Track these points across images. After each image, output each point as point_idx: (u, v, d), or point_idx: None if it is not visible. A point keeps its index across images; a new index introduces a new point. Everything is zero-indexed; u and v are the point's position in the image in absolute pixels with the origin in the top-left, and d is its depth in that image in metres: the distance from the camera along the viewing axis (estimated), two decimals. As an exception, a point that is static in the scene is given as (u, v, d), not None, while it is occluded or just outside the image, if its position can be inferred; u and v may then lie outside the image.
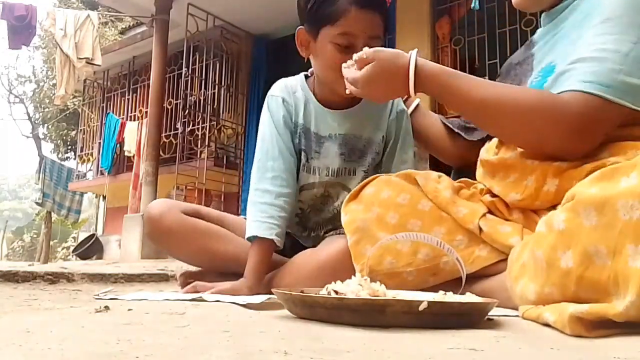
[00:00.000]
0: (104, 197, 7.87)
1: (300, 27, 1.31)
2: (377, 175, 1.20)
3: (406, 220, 1.10)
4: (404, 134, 1.42)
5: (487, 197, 1.12)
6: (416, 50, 1.08)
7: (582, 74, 0.92)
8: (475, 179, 1.20)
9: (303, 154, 1.37)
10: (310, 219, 1.46)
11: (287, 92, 1.38)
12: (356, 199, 1.16)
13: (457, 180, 1.20)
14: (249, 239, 1.27)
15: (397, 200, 1.11)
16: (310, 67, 1.39)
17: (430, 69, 1.05)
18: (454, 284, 1.00)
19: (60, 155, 11.69)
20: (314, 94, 1.38)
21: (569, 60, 0.97)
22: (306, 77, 1.43)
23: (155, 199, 5.29)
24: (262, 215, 1.27)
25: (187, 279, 1.44)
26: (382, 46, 1.15)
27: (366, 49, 1.09)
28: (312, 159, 1.37)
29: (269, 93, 1.39)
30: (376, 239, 1.07)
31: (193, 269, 1.54)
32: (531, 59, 1.15)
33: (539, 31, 1.18)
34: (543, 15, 1.17)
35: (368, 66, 1.06)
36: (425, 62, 1.06)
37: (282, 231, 1.29)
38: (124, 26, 8.92)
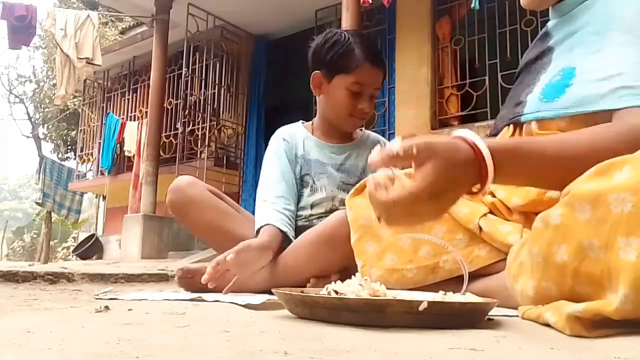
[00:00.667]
0: (104, 197, 7.87)
1: (316, 71, 1.55)
2: None
3: None
4: None
5: (488, 198, 1.12)
6: (473, 132, 0.79)
7: (632, 90, 0.87)
8: None
9: (308, 177, 1.59)
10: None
11: (287, 133, 1.64)
12: (361, 194, 1.18)
13: None
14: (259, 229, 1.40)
15: None
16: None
17: (501, 146, 0.79)
18: (453, 283, 1.00)
19: (60, 155, 11.70)
20: (312, 133, 1.65)
21: (600, 75, 0.92)
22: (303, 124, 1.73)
23: (155, 199, 5.31)
24: (272, 214, 1.43)
25: (185, 274, 1.46)
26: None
27: (406, 141, 0.75)
28: (318, 180, 1.59)
29: (273, 136, 1.66)
30: (377, 236, 1.09)
31: (192, 266, 1.55)
32: (549, 53, 1.11)
33: (551, 23, 1.14)
34: (551, 9, 1.13)
35: (422, 171, 0.75)
36: (489, 141, 0.78)
37: (291, 231, 1.42)
38: (124, 26, 8.93)
